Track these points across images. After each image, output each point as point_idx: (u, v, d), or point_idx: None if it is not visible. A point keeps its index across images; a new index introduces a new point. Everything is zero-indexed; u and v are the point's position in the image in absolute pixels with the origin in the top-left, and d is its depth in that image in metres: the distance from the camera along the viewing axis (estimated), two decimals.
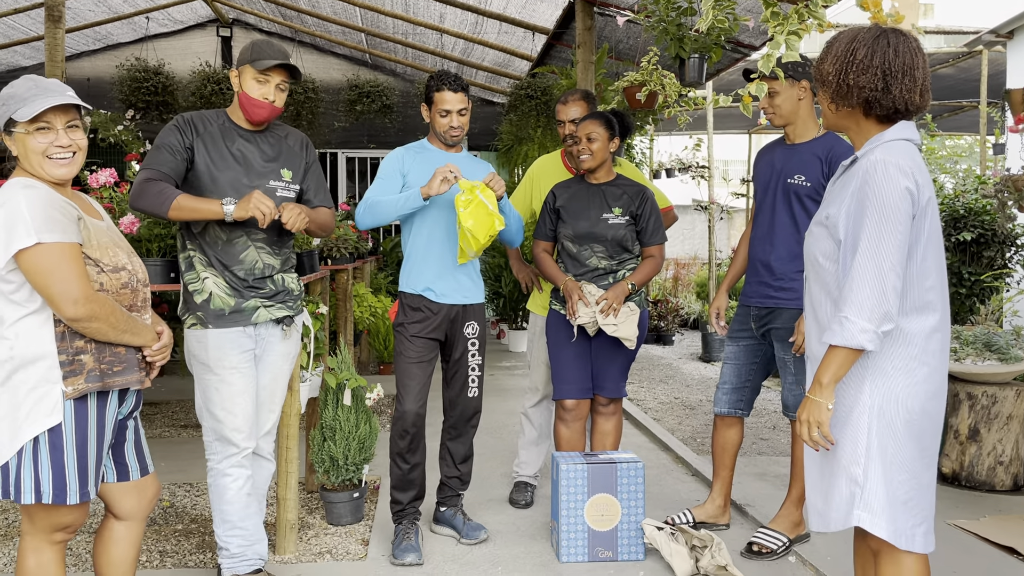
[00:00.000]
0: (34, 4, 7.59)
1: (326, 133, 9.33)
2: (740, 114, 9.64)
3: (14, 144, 2.11)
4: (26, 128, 2.09)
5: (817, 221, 2.15)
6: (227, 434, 2.81)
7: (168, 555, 3.30)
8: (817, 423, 2.03)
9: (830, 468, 2.09)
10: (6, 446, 2.05)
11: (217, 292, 2.77)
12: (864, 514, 2.02)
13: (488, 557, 3.30)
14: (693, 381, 7.36)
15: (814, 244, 2.15)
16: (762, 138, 11.31)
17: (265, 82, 2.75)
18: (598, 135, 3.47)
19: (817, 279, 2.15)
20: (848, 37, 2.06)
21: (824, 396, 2.01)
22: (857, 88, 2.04)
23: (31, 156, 2.11)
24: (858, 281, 1.96)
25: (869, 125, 2.11)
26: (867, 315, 1.94)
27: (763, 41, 5.94)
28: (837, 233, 2.06)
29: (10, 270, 2.03)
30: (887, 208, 1.95)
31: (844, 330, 1.96)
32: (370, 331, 7.24)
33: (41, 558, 2.17)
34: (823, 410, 2.02)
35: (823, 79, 2.10)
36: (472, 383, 3.41)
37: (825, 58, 2.09)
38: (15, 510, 3.79)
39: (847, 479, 2.04)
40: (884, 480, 2.01)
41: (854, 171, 2.08)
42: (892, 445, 2.01)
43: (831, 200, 2.13)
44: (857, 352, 1.98)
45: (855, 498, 2.03)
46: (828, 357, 2.01)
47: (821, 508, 2.12)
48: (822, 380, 2.01)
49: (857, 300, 1.95)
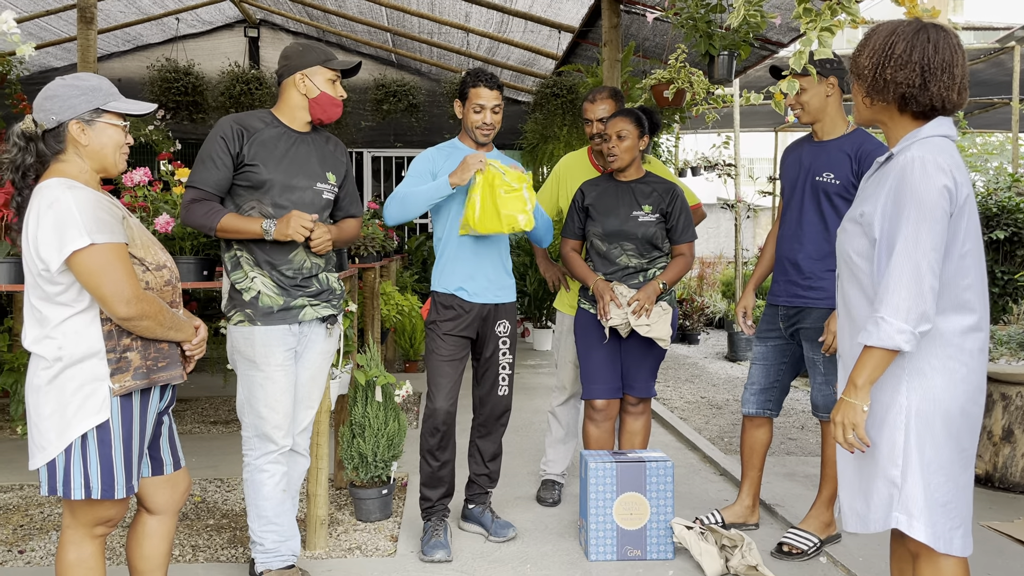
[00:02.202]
0: (66, 6, 7.70)
1: (353, 132, 9.39)
2: (766, 111, 9.56)
3: (84, 134, 2.13)
4: (111, 120, 2.15)
5: (851, 218, 2.12)
6: (268, 431, 2.84)
7: (200, 549, 3.34)
8: (852, 425, 2.00)
9: (868, 470, 2.06)
10: (53, 443, 2.08)
11: (265, 291, 2.80)
12: (902, 516, 1.99)
13: (517, 555, 3.31)
14: (719, 380, 7.32)
15: (847, 242, 2.12)
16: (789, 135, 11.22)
17: (336, 80, 2.86)
18: (628, 133, 3.45)
19: (851, 277, 2.12)
20: (887, 30, 2.03)
21: (859, 398, 1.98)
22: (894, 83, 2.00)
23: (107, 148, 2.16)
24: (895, 281, 1.92)
25: (904, 121, 2.07)
26: (903, 315, 1.91)
27: (791, 38, 5.89)
28: (872, 231, 2.03)
29: (60, 271, 2.05)
30: (924, 206, 1.91)
31: (880, 331, 1.93)
32: (396, 329, 7.27)
33: (82, 552, 2.20)
34: (858, 412, 1.99)
35: (859, 72, 2.06)
36: (502, 381, 3.42)
37: (862, 51, 2.05)
38: (50, 504, 3.86)
39: (885, 480, 2.01)
40: (922, 482, 1.97)
41: (890, 168, 2.04)
42: (930, 447, 1.98)
43: (865, 197, 2.09)
44: (893, 353, 1.95)
45: (893, 500, 2.00)
46: (863, 358, 1.98)
47: (860, 509, 2.09)
48: (857, 381, 1.98)
49: (894, 300, 1.92)
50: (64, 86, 2.14)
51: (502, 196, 3.11)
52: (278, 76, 2.89)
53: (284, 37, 9.73)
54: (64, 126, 2.12)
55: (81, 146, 2.14)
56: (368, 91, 8.89)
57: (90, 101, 2.14)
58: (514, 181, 3.14)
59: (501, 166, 3.17)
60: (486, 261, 3.32)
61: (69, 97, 2.12)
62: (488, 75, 3.27)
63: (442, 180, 3.17)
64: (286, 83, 2.86)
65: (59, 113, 2.11)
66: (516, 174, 3.17)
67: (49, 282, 2.07)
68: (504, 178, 3.13)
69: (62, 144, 2.14)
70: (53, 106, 2.11)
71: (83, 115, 2.13)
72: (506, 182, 3.12)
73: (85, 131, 2.14)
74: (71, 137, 2.13)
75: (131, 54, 9.59)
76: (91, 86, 2.15)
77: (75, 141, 2.14)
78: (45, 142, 2.13)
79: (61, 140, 2.13)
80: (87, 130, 2.14)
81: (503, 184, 3.12)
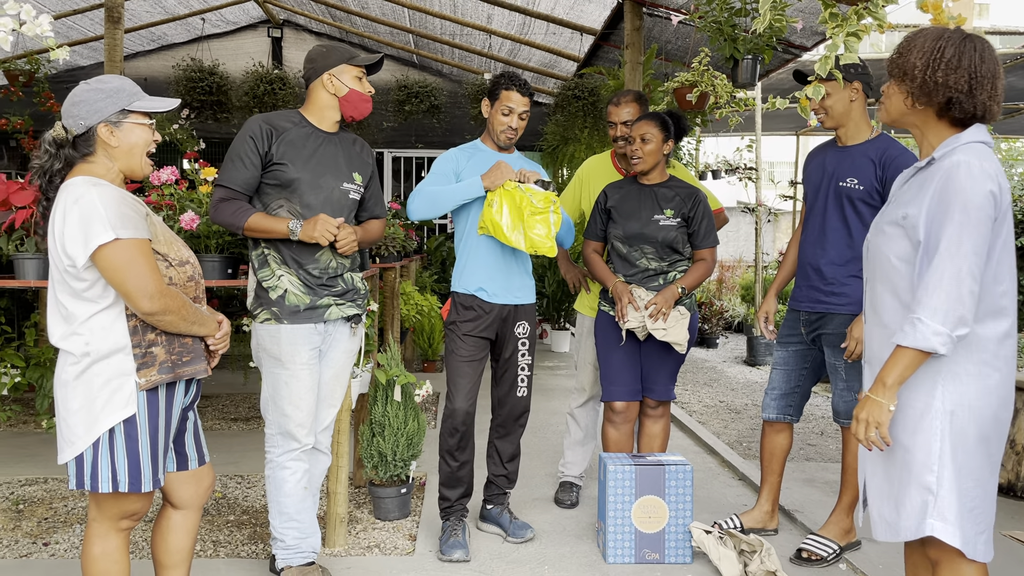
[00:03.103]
0: (94, 5, 7.79)
1: (374, 133, 9.44)
2: (788, 115, 9.51)
3: (113, 135, 2.16)
4: (138, 120, 2.19)
5: (892, 221, 2.09)
6: (291, 429, 2.87)
7: (221, 545, 3.38)
8: (875, 423, 1.99)
9: (900, 476, 2.04)
10: (81, 437, 2.12)
11: (292, 289, 2.83)
12: (937, 523, 1.96)
13: (535, 556, 3.32)
14: (738, 385, 7.29)
15: (887, 245, 2.09)
16: (810, 140, 11.15)
17: (363, 76, 2.90)
18: (652, 136, 3.45)
19: (885, 280, 2.10)
20: (934, 34, 2.02)
21: (886, 397, 1.97)
22: (944, 87, 1.98)
23: (136, 148, 2.20)
24: (935, 283, 1.91)
25: (940, 127, 2.06)
26: (941, 318, 1.90)
27: (814, 42, 5.86)
28: (916, 234, 2.00)
29: (86, 267, 2.08)
30: (970, 210, 1.90)
31: (917, 332, 1.91)
32: (415, 329, 7.30)
33: (107, 545, 2.24)
34: (884, 411, 1.98)
35: (906, 72, 2.03)
36: (521, 382, 3.43)
37: (909, 52, 2.03)
38: (74, 497, 3.91)
39: (919, 487, 1.99)
40: (957, 488, 1.96)
41: (932, 172, 2.02)
42: (963, 452, 1.97)
43: (908, 200, 2.06)
44: (925, 355, 1.93)
45: (928, 507, 1.97)
46: (895, 357, 1.96)
47: (890, 517, 2.06)
48: (886, 380, 1.97)
49: (932, 303, 1.91)
50: (89, 91, 2.17)
51: (528, 218, 3.12)
52: (305, 79, 2.92)
53: (307, 38, 9.80)
54: (93, 130, 2.16)
55: (111, 148, 2.18)
56: (390, 92, 8.94)
57: (115, 103, 2.17)
58: (540, 202, 3.14)
59: (530, 189, 3.16)
60: (506, 261, 3.33)
61: (95, 101, 2.16)
62: (522, 81, 3.30)
63: (475, 181, 3.19)
64: (314, 85, 2.89)
65: (87, 118, 2.15)
66: (544, 195, 3.16)
67: (75, 278, 2.10)
68: (532, 201, 3.13)
69: (91, 147, 2.17)
70: (80, 111, 2.15)
71: (110, 117, 2.16)
72: (534, 205, 3.13)
73: (113, 133, 2.17)
74: (100, 140, 2.17)
75: (156, 53, 9.69)
76: (115, 88, 2.19)
77: (104, 143, 2.17)
78: (75, 146, 2.17)
79: (91, 143, 2.17)
80: (115, 132, 2.17)
81: (530, 206, 3.13)
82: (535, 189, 3.17)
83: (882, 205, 3.19)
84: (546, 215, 3.15)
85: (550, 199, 3.18)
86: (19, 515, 3.68)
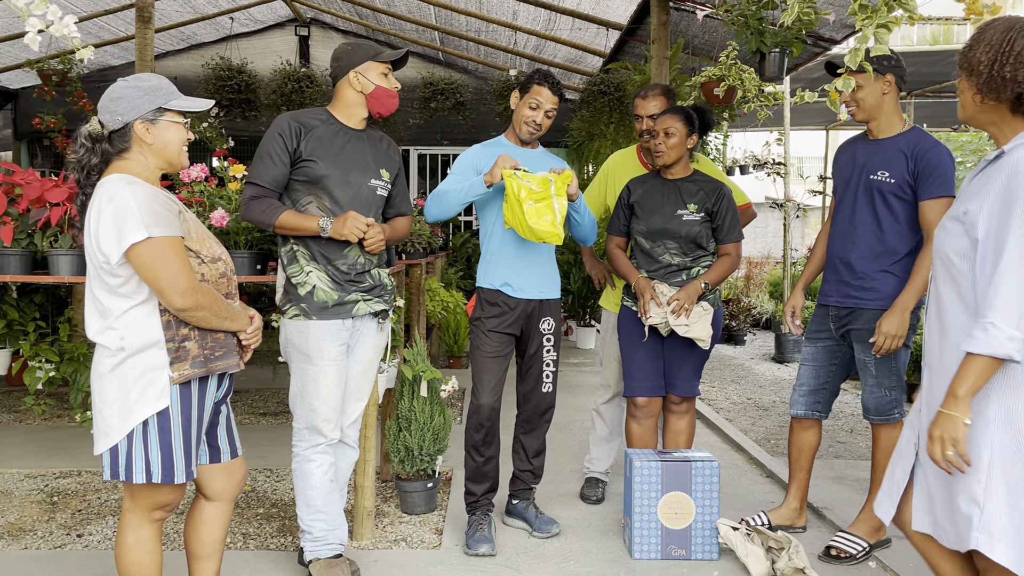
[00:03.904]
0: (124, 5, 7.90)
1: (400, 130, 9.49)
2: (817, 109, 9.41)
3: (149, 132, 2.20)
4: (173, 118, 2.23)
5: (952, 216, 2.01)
6: (318, 424, 2.90)
7: (251, 537, 3.42)
8: (952, 440, 1.86)
9: (950, 483, 1.94)
10: (116, 429, 2.16)
11: (320, 285, 2.86)
12: (982, 537, 1.86)
13: (560, 551, 3.32)
14: (766, 382, 7.23)
15: (947, 241, 2.00)
16: (840, 134, 11.02)
17: (389, 72, 2.92)
18: (676, 130, 3.43)
19: (948, 279, 2.00)
20: (1003, 26, 1.93)
21: (960, 410, 1.85)
22: (1013, 81, 1.90)
23: (172, 145, 2.24)
24: (1006, 284, 1.79)
25: (1015, 122, 1.96)
26: (1015, 321, 1.78)
27: (844, 35, 5.80)
28: (975, 231, 1.91)
29: (120, 264, 2.12)
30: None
31: (990, 337, 1.80)
32: (441, 325, 7.33)
33: (140, 535, 2.28)
34: (958, 425, 1.85)
35: (972, 68, 1.96)
36: (546, 378, 3.44)
37: (976, 46, 1.96)
38: (107, 490, 3.97)
39: (966, 498, 1.89)
40: (1007, 502, 1.86)
41: (1000, 166, 1.92)
42: (1019, 465, 1.85)
43: (970, 195, 1.98)
44: (999, 362, 1.82)
45: (973, 519, 1.87)
46: (967, 366, 1.85)
47: (942, 521, 1.97)
48: (958, 392, 1.85)
49: (1004, 305, 1.79)
50: (127, 87, 2.21)
51: (530, 207, 3.07)
52: (332, 77, 2.95)
53: (334, 36, 9.87)
54: (129, 126, 2.20)
55: (146, 144, 2.22)
56: (416, 89, 8.97)
57: (152, 100, 2.21)
58: (538, 185, 3.08)
59: (525, 174, 3.10)
60: (531, 256, 3.33)
61: (133, 98, 2.20)
62: (556, 80, 3.31)
63: (478, 178, 3.19)
64: (341, 82, 2.91)
65: (124, 114, 2.19)
66: (541, 178, 3.09)
67: (110, 274, 2.14)
68: (529, 185, 3.07)
69: (127, 143, 2.21)
70: (118, 107, 2.19)
71: (147, 114, 2.20)
72: (532, 189, 3.07)
73: (149, 130, 2.21)
74: (136, 136, 2.21)
75: (186, 53, 9.82)
76: (152, 86, 2.23)
77: (140, 140, 2.21)
78: (111, 142, 2.21)
79: (127, 139, 2.21)
80: (151, 129, 2.21)
81: (531, 194, 3.06)
82: (532, 174, 3.11)
83: (914, 199, 3.16)
84: (549, 200, 3.08)
85: (547, 181, 3.09)
86: (53, 507, 3.75)
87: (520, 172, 3.11)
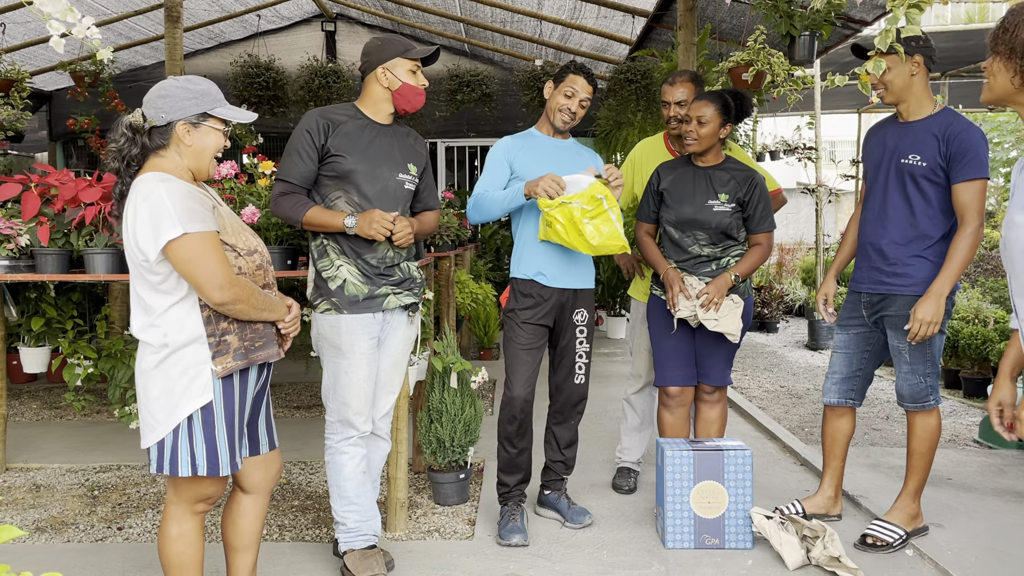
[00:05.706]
0: (153, 5, 7.99)
1: (427, 123, 9.51)
2: (848, 92, 9.26)
3: (189, 135, 2.23)
4: (215, 125, 2.27)
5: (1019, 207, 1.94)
6: (350, 417, 2.93)
7: (287, 529, 3.46)
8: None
9: None
10: (162, 423, 2.20)
11: (351, 279, 2.88)
12: None
13: (593, 541, 3.32)
14: (799, 369, 7.16)
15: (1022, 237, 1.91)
16: (872, 117, 10.85)
17: (417, 70, 2.92)
18: (710, 118, 3.36)
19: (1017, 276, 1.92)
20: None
21: None
22: None
23: (206, 151, 2.27)
24: None
25: None
26: None
27: (875, 16, 5.69)
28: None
29: (158, 261, 2.16)
30: None
31: None
32: (471, 317, 7.35)
33: (183, 527, 2.32)
34: None
35: (1015, 49, 1.91)
36: (579, 369, 3.43)
37: (1017, 26, 1.92)
38: (146, 483, 4.05)
39: None
40: None
41: None
42: None
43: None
44: None
45: None
46: None
47: None
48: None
49: None
50: (177, 87, 2.24)
51: (588, 229, 3.07)
52: (361, 72, 2.96)
53: (360, 30, 9.90)
54: (172, 125, 2.23)
55: (183, 146, 2.25)
56: (442, 81, 8.98)
57: (199, 105, 2.24)
58: (588, 203, 3.07)
59: (573, 197, 3.09)
60: (564, 247, 3.32)
61: (181, 99, 2.23)
62: (590, 71, 3.33)
63: (519, 188, 3.19)
64: (368, 78, 2.93)
65: (169, 112, 2.22)
66: (588, 196, 3.08)
67: (150, 272, 2.18)
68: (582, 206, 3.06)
69: (166, 141, 2.24)
70: (165, 105, 2.22)
71: (191, 117, 2.23)
72: (585, 210, 3.06)
73: (190, 132, 2.24)
74: (176, 136, 2.24)
75: (215, 51, 9.90)
76: (202, 91, 2.26)
77: (179, 140, 2.24)
78: (150, 137, 2.25)
79: (166, 137, 2.24)
80: (192, 132, 2.24)
81: (585, 213, 3.07)
82: (580, 192, 3.08)
83: (947, 182, 3.10)
84: (604, 212, 3.09)
85: (594, 197, 3.08)
86: (94, 501, 3.83)
87: (568, 197, 3.09)
